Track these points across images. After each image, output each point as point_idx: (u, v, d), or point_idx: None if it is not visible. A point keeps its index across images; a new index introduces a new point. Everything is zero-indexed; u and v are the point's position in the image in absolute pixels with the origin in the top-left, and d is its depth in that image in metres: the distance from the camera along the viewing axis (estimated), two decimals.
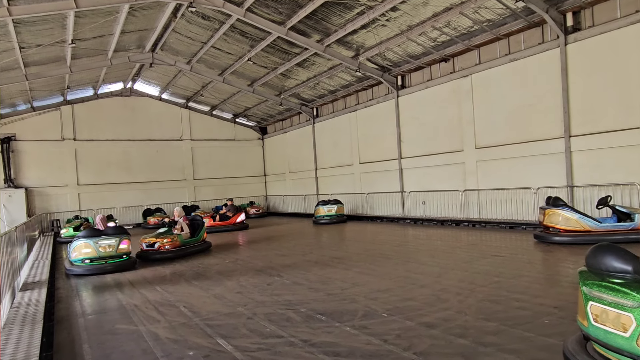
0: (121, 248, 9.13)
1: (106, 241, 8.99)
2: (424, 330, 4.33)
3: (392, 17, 12.76)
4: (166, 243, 10.30)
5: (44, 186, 20.56)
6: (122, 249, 9.14)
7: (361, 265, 8.00)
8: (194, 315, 5.40)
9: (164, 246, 10.26)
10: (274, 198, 26.03)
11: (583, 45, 10.74)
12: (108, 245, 8.99)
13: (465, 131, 13.98)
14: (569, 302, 4.83)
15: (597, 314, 2.69)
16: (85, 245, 8.85)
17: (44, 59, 15.29)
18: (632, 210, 8.54)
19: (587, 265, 2.97)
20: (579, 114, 10.98)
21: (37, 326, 4.71)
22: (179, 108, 24.35)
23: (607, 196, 8.82)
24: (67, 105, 21.22)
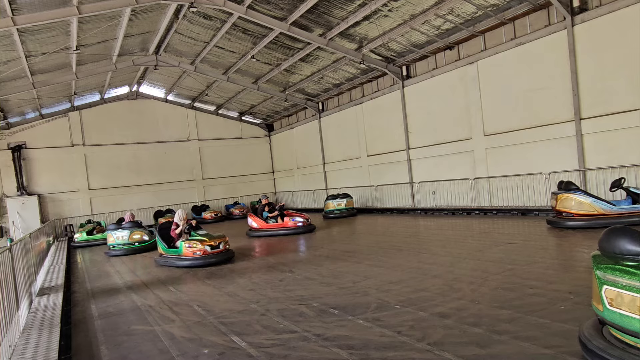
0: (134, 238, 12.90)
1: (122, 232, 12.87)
2: (438, 320, 4.31)
3: (394, 7, 12.63)
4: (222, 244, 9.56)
5: (56, 192, 20.82)
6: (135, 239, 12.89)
7: (372, 258, 7.99)
8: (208, 313, 5.44)
9: (225, 247, 9.47)
10: (283, 194, 26.07)
11: (591, 25, 10.53)
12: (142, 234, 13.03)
13: (473, 119, 13.84)
14: (584, 287, 4.76)
15: (612, 297, 2.66)
16: (134, 233, 12.94)
17: (50, 67, 15.43)
18: None
19: (600, 249, 2.93)
20: (589, 96, 10.79)
21: (55, 330, 4.78)
22: (185, 109, 24.45)
23: (620, 178, 8.67)
24: (74, 111, 21.43)
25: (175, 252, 9.35)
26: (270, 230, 13.02)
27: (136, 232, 12.97)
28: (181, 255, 9.14)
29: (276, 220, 13.01)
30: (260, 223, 13.17)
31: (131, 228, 12.97)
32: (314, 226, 13.24)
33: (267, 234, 12.99)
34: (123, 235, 12.78)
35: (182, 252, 9.09)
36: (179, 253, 9.19)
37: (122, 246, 12.67)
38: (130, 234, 12.83)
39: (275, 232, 12.95)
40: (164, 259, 9.68)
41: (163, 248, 9.78)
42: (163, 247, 9.78)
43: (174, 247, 9.51)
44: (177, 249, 9.30)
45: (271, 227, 13.04)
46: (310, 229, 13.02)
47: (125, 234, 12.80)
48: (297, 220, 12.88)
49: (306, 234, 12.71)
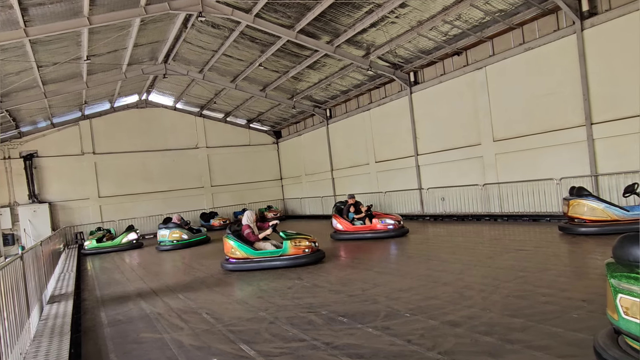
0: (174, 237, 14.86)
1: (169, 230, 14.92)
2: (449, 329, 4.25)
3: (401, 14, 12.65)
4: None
5: (67, 200, 21.04)
6: (174, 237, 14.83)
7: (382, 265, 7.93)
8: (217, 321, 5.42)
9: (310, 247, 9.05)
10: (292, 201, 26.08)
11: (600, 29, 10.45)
12: (181, 233, 14.89)
13: (482, 124, 13.76)
14: (598, 294, 4.67)
15: (628, 306, 2.59)
16: (173, 232, 14.80)
17: (61, 76, 15.67)
18: None
19: (614, 257, 2.86)
20: (599, 101, 10.68)
21: (65, 337, 4.79)
22: (193, 117, 24.64)
23: (634, 183, 8.53)
24: (85, 120, 21.70)
25: (267, 254, 8.82)
26: (357, 233, 11.90)
27: (175, 231, 14.84)
28: (285, 254, 8.70)
29: (363, 222, 11.94)
30: (346, 225, 12.12)
31: (171, 228, 14.88)
32: (407, 229, 11.93)
33: (353, 237, 11.91)
34: (165, 234, 14.85)
35: (288, 251, 8.70)
36: (283, 252, 8.71)
37: (165, 243, 14.76)
38: (170, 232, 14.74)
39: (362, 235, 11.80)
40: (247, 263, 8.86)
41: (249, 251, 8.89)
42: (249, 250, 8.89)
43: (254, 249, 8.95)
44: (269, 250, 8.86)
45: (358, 229, 11.92)
46: (403, 232, 11.70)
47: (166, 233, 14.81)
48: (387, 222, 11.65)
49: (398, 237, 11.39)
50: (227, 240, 9.13)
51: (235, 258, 9.00)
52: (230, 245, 9.03)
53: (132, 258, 13.86)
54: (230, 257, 9.06)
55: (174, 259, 12.47)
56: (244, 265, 8.85)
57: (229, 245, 9.08)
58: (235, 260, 9.00)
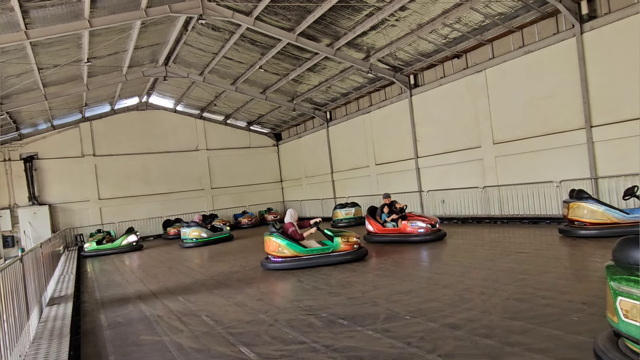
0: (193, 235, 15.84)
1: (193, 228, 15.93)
2: (448, 331, 4.25)
3: (401, 17, 12.69)
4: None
5: (67, 202, 21.04)
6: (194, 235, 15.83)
7: (381, 267, 7.93)
8: (216, 324, 5.42)
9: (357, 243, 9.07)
10: (292, 203, 26.04)
11: (600, 32, 10.47)
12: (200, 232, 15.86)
13: (482, 127, 13.77)
14: (598, 297, 4.67)
15: (627, 309, 2.59)
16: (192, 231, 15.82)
17: (62, 79, 15.69)
18: None
19: (614, 259, 2.87)
20: (599, 104, 10.70)
21: (65, 340, 4.79)
22: (193, 119, 24.67)
23: (634, 186, 8.53)
24: (85, 122, 21.73)
25: (317, 251, 8.77)
26: (387, 235, 10.93)
27: (194, 230, 15.78)
28: (336, 251, 8.69)
29: (396, 224, 10.89)
30: (377, 226, 11.15)
31: (192, 227, 15.88)
32: (444, 233, 10.73)
33: (383, 239, 10.96)
34: (186, 232, 15.92)
35: (339, 247, 8.72)
36: (334, 249, 8.71)
37: (188, 240, 15.78)
38: (190, 231, 15.72)
39: (391, 238, 10.83)
40: (296, 261, 8.72)
41: (299, 249, 8.77)
42: (299, 248, 8.78)
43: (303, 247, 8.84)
44: (319, 247, 8.83)
45: (388, 231, 10.94)
46: (438, 236, 10.44)
47: (187, 231, 15.89)
48: (417, 225, 10.50)
49: (432, 242, 10.24)
50: (274, 239, 8.91)
51: (283, 256, 8.81)
52: (278, 244, 8.84)
53: (132, 260, 13.86)
54: (277, 256, 8.87)
55: (174, 260, 12.46)
56: (294, 264, 8.71)
57: (275, 244, 8.87)
58: (282, 258, 8.81)
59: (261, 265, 9.30)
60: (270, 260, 9.02)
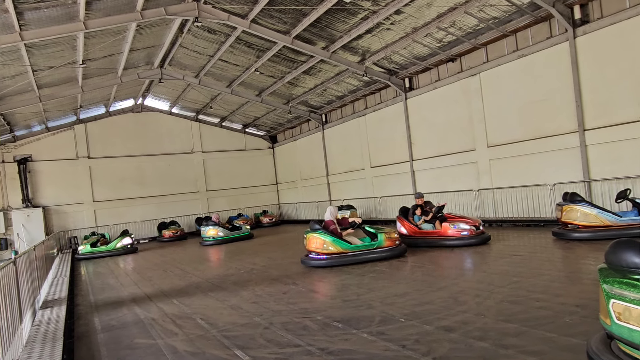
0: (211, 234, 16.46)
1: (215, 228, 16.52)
2: (443, 334, 4.26)
3: (396, 20, 12.75)
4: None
5: (61, 204, 20.90)
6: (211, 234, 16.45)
7: (376, 270, 7.93)
8: (211, 327, 5.40)
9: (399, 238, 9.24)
10: (287, 206, 26.06)
11: (592, 37, 10.58)
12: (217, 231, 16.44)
13: (477, 130, 13.85)
14: (591, 300, 4.70)
15: (620, 311, 2.62)
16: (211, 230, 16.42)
17: (56, 80, 15.62)
18: None
19: (607, 262, 2.89)
20: (592, 107, 10.79)
21: (58, 343, 4.76)
22: (189, 121, 24.62)
23: (626, 189, 8.62)
24: (80, 124, 21.62)
25: (362, 247, 8.89)
26: (423, 238, 10.03)
27: (211, 229, 16.35)
28: (380, 247, 8.81)
29: (433, 226, 10.01)
30: (410, 228, 10.27)
31: (210, 226, 16.57)
32: (488, 236, 9.68)
33: (418, 242, 10.05)
34: (204, 231, 16.56)
35: (383, 243, 8.82)
36: (378, 245, 8.83)
37: (207, 239, 16.35)
38: (207, 230, 16.35)
39: (429, 241, 9.90)
40: (341, 258, 8.74)
41: (345, 245, 8.82)
42: (344, 245, 8.83)
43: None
44: (364, 243, 8.96)
45: (424, 234, 10.05)
46: (483, 239, 9.46)
47: (205, 230, 16.58)
48: (460, 227, 9.61)
49: (476, 246, 9.30)
50: (318, 236, 8.90)
51: (328, 253, 8.78)
52: (323, 241, 8.82)
53: (127, 263, 13.79)
54: (321, 253, 8.83)
55: (169, 262, 12.41)
56: (339, 260, 8.73)
57: (320, 241, 8.85)
58: (327, 255, 8.79)
59: (302, 263, 9.30)
60: (314, 257, 8.97)
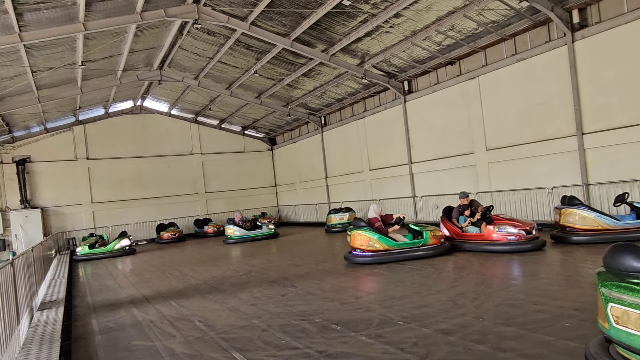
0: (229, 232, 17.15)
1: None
2: (441, 337, 4.26)
3: (395, 24, 12.79)
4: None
5: (59, 205, 20.87)
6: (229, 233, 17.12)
7: (375, 273, 7.93)
8: (209, 329, 5.39)
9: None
10: (286, 208, 26.04)
11: (591, 41, 10.61)
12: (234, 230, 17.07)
13: (475, 133, 13.87)
14: (589, 303, 4.71)
15: (618, 315, 2.62)
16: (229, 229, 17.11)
17: (55, 82, 15.62)
18: None
19: (605, 266, 2.90)
20: (590, 111, 10.82)
21: (55, 345, 4.74)
22: (188, 123, 24.63)
23: (624, 193, 8.63)
24: (79, 125, 21.61)
25: (408, 244, 8.92)
26: (469, 241, 9.19)
27: (230, 228, 17.07)
28: (426, 244, 8.87)
29: (479, 229, 9.07)
30: (453, 231, 9.52)
31: (230, 225, 17.20)
32: (543, 241, 8.60)
33: (463, 247, 9.24)
34: (226, 229, 17.31)
35: (429, 241, 8.86)
36: (424, 242, 8.87)
37: (228, 237, 16.96)
38: (227, 229, 17.16)
39: (473, 246, 9.06)
40: (387, 255, 8.78)
41: (391, 243, 8.85)
42: (391, 242, 8.86)
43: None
44: (410, 241, 8.99)
45: (470, 237, 9.19)
46: (536, 245, 8.42)
47: (226, 228, 17.33)
48: (507, 232, 8.58)
49: (527, 252, 8.31)
50: (364, 233, 8.93)
51: (374, 250, 8.80)
52: (369, 238, 8.85)
53: (125, 264, 13.76)
54: (367, 250, 8.84)
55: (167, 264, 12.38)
56: (384, 257, 8.75)
57: (366, 238, 8.88)
58: (373, 252, 8.81)
59: (345, 259, 9.34)
60: (359, 254, 8.98)
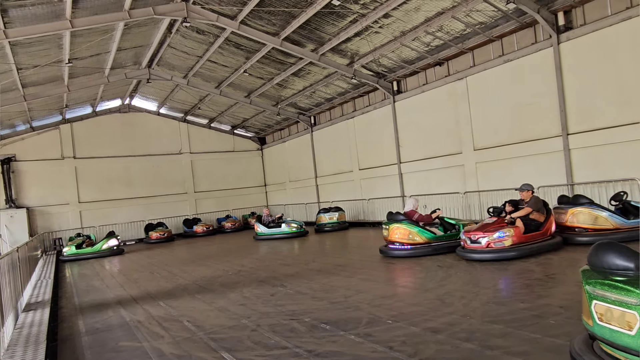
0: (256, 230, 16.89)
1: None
2: (430, 335, 4.30)
3: (385, 24, 12.84)
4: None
5: (46, 205, 20.57)
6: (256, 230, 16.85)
7: (364, 272, 7.97)
8: (198, 329, 5.37)
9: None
10: (275, 208, 25.99)
11: (576, 43, 10.78)
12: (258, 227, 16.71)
13: (463, 133, 14.00)
14: (574, 301, 4.78)
15: (602, 312, 2.67)
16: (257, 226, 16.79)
17: (42, 79, 15.39)
18: None
19: (589, 264, 2.95)
20: (575, 112, 10.99)
21: (41, 347, 4.68)
22: (177, 122, 24.44)
23: (622, 192, 8.61)
24: (66, 123, 21.32)
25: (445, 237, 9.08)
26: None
27: (256, 225, 16.96)
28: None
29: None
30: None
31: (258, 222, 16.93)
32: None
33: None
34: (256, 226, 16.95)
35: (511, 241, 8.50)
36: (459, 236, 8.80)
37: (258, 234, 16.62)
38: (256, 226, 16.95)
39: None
40: (425, 248, 8.92)
41: (430, 235, 8.98)
42: (430, 235, 9.00)
43: None
44: (448, 233, 9.18)
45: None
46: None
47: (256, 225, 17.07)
48: None
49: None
50: (404, 227, 9.08)
51: (414, 243, 8.98)
52: (409, 231, 9.01)
53: (113, 265, 13.62)
54: (406, 243, 9.00)
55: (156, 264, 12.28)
56: (423, 250, 8.92)
57: (405, 231, 9.03)
58: (412, 245, 8.99)
59: (381, 252, 9.47)
60: (397, 247, 9.12)
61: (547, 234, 8.20)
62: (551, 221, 8.35)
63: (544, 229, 8.12)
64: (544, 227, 8.13)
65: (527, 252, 7.67)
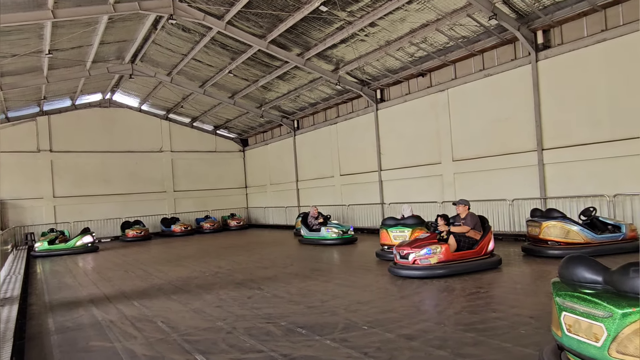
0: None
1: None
2: (404, 342, 4.36)
3: (370, 33, 13.00)
4: None
5: (18, 198, 19.97)
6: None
7: (341, 277, 8.01)
8: (172, 330, 5.30)
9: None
10: (255, 210, 25.87)
11: (553, 62, 11.13)
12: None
13: (443, 144, 14.24)
14: (545, 312, 4.92)
15: (570, 324, 2.76)
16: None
17: (20, 69, 14.99)
18: (617, 222, 8.67)
19: (559, 276, 3.05)
20: (550, 128, 11.33)
21: (7, 345, 4.54)
22: (159, 119, 24.11)
23: (590, 207, 8.91)
24: (43, 115, 20.78)
25: None
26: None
27: (298, 223, 16.40)
28: None
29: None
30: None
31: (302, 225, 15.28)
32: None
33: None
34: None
35: None
36: None
37: (304, 238, 14.74)
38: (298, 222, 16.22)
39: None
40: None
41: None
42: None
43: None
44: None
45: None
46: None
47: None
48: None
49: None
50: None
51: None
52: None
53: (86, 262, 13.30)
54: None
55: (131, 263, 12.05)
56: None
57: None
58: None
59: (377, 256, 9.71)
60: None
61: (482, 252, 7.82)
62: (488, 239, 7.95)
63: (478, 247, 7.78)
64: (479, 245, 7.80)
65: (458, 270, 7.42)
